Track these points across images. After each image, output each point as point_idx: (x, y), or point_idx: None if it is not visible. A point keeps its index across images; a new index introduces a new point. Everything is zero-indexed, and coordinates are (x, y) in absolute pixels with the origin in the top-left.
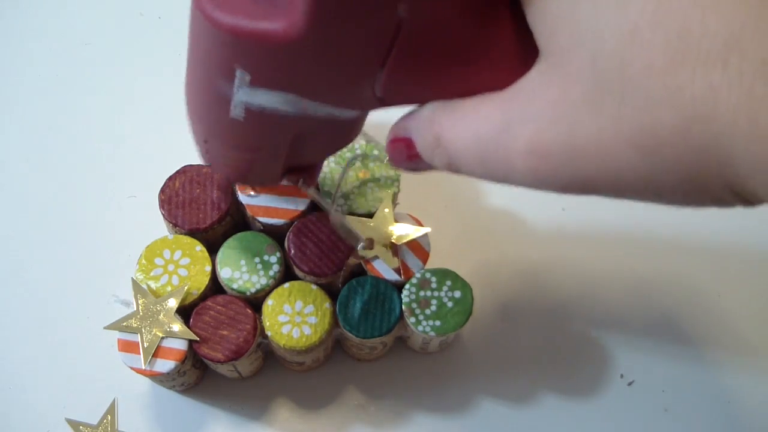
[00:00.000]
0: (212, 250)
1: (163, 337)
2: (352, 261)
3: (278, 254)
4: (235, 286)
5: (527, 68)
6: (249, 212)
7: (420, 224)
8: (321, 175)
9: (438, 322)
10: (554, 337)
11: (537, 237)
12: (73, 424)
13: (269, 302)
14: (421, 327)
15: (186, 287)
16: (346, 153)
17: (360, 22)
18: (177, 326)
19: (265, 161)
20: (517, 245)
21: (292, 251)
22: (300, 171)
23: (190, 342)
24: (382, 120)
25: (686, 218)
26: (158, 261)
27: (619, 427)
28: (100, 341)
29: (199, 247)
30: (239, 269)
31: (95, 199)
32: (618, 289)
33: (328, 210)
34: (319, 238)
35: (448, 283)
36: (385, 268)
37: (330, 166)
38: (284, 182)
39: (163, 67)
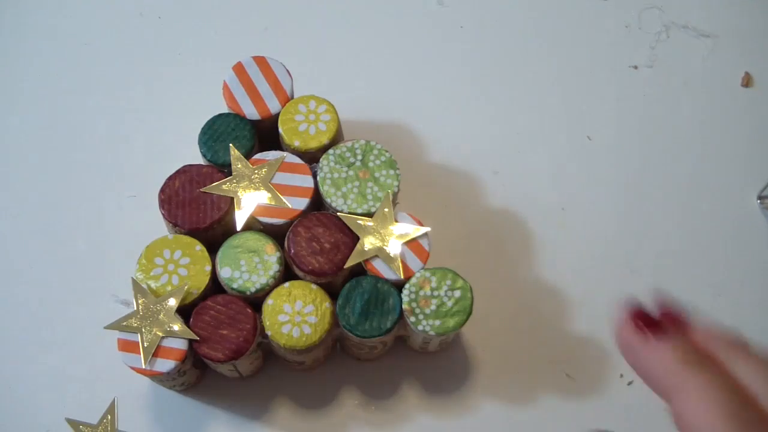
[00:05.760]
0: (212, 249)
1: (163, 337)
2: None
3: (278, 254)
4: (235, 285)
5: None
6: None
7: (420, 224)
8: (321, 174)
9: (438, 322)
10: (554, 336)
11: (537, 237)
12: (73, 424)
13: (269, 302)
14: (421, 326)
15: (186, 287)
16: (346, 153)
17: None
18: (177, 326)
19: None
20: (517, 245)
21: (292, 251)
22: None
23: (190, 341)
24: (381, 120)
25: (686, 219)
26: (158, 261)
27: (619, 427)
28: (100, 341)
29: (199, 247)
30: (239, 269)
31: (95, 198)
32: (618, 288)
33: None
34: (319, 238)
35: (448, 282)
36: (385, 268)
37: (330, 166)
38: None
39: (163, 67)
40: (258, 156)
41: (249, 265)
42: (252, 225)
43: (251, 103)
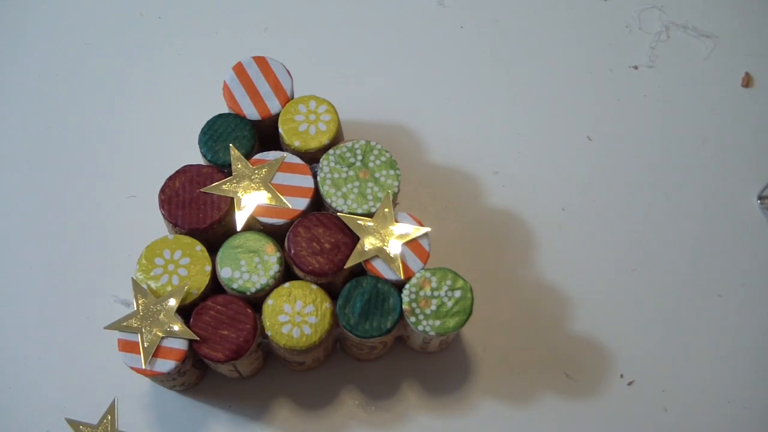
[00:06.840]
0: (212, 250)
1: (163, 337)
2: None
3: (278, 254)
4: (235, 286)
5: None
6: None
7: (420, 224)
8: (321, 175)
9: (438, 322)
10: (554, 337)
11: (537, 236)
12: (73, 424)
13: (269, 302)
14: (421, 327)
15: (186, 287)
16: (346, 153)
17: None
18: (177, 326)
19: None
20: (517, 245)
21: (293, 251)
22: None
23: (191, 342)
24: (381, 120)
25: (686, 219)
26: (158, 261)
27: (619, 427)
28: (100, 341)
29: (199, 247)
30: (239, 269)
31: (96, 199)
32: (618, 289)
33: None
34: (320, 238)
35: (448, 283)
36: (385, 268)
37: (330, 166)
38: None
39: (163, 67)
40: (258, 156)
41: (249, 265)
42: (252, 225)
43: (251, 103)
